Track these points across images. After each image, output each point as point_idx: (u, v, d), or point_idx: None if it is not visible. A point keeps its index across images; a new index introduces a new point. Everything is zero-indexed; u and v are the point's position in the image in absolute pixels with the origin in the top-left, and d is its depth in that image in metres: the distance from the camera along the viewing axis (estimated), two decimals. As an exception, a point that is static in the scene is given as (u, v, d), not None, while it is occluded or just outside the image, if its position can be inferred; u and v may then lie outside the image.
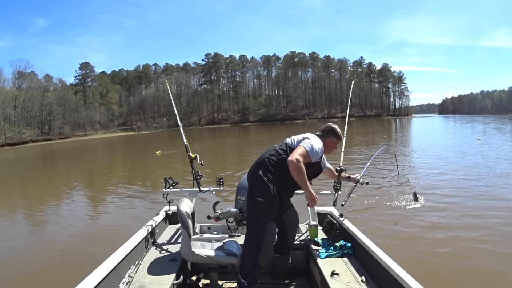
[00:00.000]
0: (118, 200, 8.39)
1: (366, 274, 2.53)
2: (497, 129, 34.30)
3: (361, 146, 19.62)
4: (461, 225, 5.70)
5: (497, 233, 5.22)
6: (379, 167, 11.32)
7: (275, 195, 2.66)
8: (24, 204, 9.47)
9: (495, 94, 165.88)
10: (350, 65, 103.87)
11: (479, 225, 5.67)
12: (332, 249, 2.96)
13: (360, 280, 2.45)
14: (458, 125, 48.18)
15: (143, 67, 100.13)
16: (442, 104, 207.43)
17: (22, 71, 70.47)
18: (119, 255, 2.44)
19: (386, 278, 2.27)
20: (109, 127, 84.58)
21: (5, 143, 56.63)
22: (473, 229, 5.50)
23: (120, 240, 2.84)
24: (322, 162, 3.01)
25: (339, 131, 3.00)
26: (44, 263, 4.93)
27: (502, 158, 13.00)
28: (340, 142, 3.12)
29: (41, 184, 13.32)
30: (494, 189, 7.99)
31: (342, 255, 2.87)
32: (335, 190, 3.48)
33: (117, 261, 2.35)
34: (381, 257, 2.39)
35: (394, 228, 5.72)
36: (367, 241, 2.72)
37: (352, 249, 2.90)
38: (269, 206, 2.67)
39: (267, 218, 2.69)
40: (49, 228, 6.90)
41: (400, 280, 2.09)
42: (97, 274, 2.09)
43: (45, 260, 4.99)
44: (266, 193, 2.64)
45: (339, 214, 3.38)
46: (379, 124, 59.31)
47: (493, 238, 5.07)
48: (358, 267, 2.65)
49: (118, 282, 2.32)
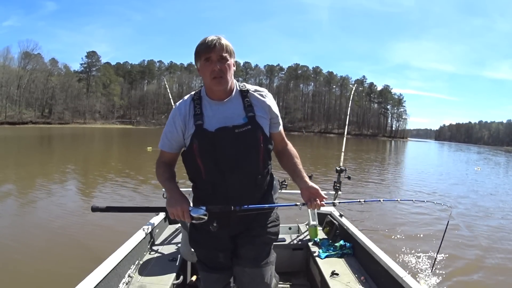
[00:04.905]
0: (119, 198, 8.29)
1: (366, 274, 2.53)
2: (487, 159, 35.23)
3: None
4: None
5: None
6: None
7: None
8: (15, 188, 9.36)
9: (493, 125, 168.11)
10: (352, 82, 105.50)
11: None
12: (332, 249, 2.95)
13: (360, 280, 2.45)
14: (452, 152, 48.72)
15: (147, 63, 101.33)
16: (439, 130, 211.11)
17: (29, 52, 71.59)
18: (119, 255, 2.40)
19: (386, 278, 2.28)
20: (108, 118, 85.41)
21: (5, 121, 57.43)
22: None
23: (122, 237, 2.84)
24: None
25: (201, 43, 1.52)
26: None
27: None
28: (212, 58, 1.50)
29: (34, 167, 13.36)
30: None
31: (342, 255, 2.86)
32: (335, 190, 3.50)
33: (117, 261, 2.32)
34: (381, 257, 2.40)
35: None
36: (367, 241, 2.71)
37: (352, 249, 2.89)
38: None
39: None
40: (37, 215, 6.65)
41: (400, 280, 2.10)
42: (97, 274, 2.06)
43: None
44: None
45: (339, 214, 3.36)
46: (374, 144, 60.15)
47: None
48: (358, 267, 2.65)
49: (118, 282, 2.30)
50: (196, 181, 1.66)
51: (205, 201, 1.58)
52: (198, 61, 1.55)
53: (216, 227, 1.56)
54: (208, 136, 1.52)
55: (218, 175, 1.55)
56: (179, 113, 1.59)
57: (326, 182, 9.62)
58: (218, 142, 1.52)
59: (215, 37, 1.51)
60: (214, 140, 1.52)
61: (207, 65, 1.51)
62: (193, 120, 1.56)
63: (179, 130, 1.59)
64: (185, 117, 1.58)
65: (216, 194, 1.59)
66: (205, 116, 1.56)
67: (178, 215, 1.49)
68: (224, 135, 1.52)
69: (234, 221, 1.63)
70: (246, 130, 1.54)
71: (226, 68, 1.51)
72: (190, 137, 1.55)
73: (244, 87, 1.63)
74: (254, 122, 1.57)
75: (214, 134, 1.52)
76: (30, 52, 71.63)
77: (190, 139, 1.55)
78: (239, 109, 1.58)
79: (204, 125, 1.54)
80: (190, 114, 1.57)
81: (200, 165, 1.55)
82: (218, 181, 1.57)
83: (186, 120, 1.57)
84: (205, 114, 1.56)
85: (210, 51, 1.49)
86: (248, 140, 1.55)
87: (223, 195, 1.59)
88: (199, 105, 1.58)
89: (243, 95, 1.61)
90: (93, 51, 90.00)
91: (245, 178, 1.59)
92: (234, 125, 1.54)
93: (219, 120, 1.55)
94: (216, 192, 1.59)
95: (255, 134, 1.56)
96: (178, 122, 1.58)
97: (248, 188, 1.62)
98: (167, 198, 1.55)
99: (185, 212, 1.48)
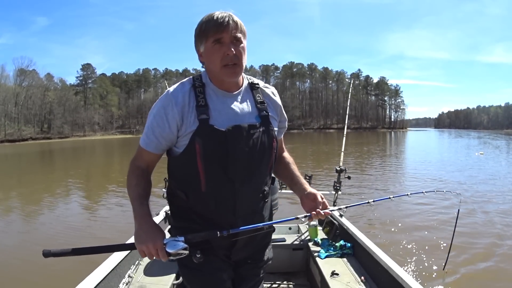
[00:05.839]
0: (120, 199, 8.59)
1: (366, 274, 2.53)
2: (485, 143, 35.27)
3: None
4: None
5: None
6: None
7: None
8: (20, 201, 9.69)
9: (491, 109, 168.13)
10: (347, 77, 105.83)
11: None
12: (332, 249, 2.94)
13: (360, 280, 2.44)
14: (453, 139, 48.43)
15: (143, 71, 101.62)
16: (438, 118, 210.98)
17: (24, 68, 71.84)
18: (119, 255, 2.39)
19: (386, 278, 2.27)
20: (108, 129, 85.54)
21: (5, 139, 57.61)
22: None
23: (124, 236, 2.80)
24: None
25: (206, 20, 1.19)
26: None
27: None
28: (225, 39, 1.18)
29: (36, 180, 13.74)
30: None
31: (342, 255, 2.85)
32: (335, 190, 3.46)
33: (117, 261, 2.31)
34: (381, 257, 2.39)
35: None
36: (367, 241, 2.71)
37: (352, 249, 2.88)
38: None
39: None
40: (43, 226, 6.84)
41: (400, 280, 2.09)
42: (97, 274, 2.06)
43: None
44: None
45: (339, 214, 3.34)
46: (374, 136, 60.21)
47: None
48: (358, 267, 2.64)
49: (118, 282, 2.30)
50: (189, 192, 1.26)
51: (198, 221, 1.27)
52: (203, 43, 1.20)
53: (200, 258, 1.17)
54: (217, 135, 1.19)
55: (227, 186, 1.23)
56: (175, 102, 1.20)
57: (327, 180, 9.69)
58: (230, 144, 1.20)
59: (225, 13, 1.17)
60: (225, 141, 1.19)
61: (217, 49, 1.17)
62: (196, 113, 1.20)
63: (173, 125, 1.20)
64: (183, 108, 1.20)
65: (220, 211, 1.26)
66: (212, 109, 1.21)
67: (150, 253, 1.12)
68: (238, 136, 1.21)
69: (238, 247, 1.33)
70: (260, 132, 1.26)
71: (241, 53, 1.20)
72: (191, 135, 1.19)
73: (251, 79, 1.36)
74: (267, 123, 1.30)
75: (225, 134, 1.19)
76: (25, 68, 71.96)
77: (189, 138, 1.19)
78: (251, 105, 1.30)
79: (211, 120, 1.20)
80: (190, 105, 1.21)
81: (201, 173, 1.20)
82: (225, 194, 1.24)
83: (184, 112, 1.20)
84: (212, 107, 1.22)
85: (222, 30, 1.15)
86: (262, 144, 1.27)
87: (229, 212, 1.26)
88: (202, 94, 1.23)
89: (254, 89, 1.34)
90: (88, 64, 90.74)
91: (255, 190, 1.32)
92: (249, 124, 1.24)
93: (230, 117, 1.23)
94: (219, 208, 1.25)
95: (269, 138, 1.29)
96: (172, 114, 1.20)
97: (257, 203, 1.35)
98: (135, 229, 1.16)
99: (159, 250, 1.12)
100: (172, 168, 1.32)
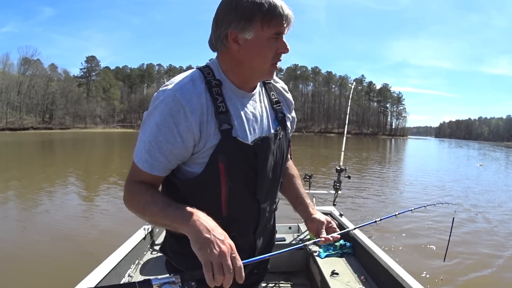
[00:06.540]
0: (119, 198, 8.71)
1: (366, 273, 2.53)
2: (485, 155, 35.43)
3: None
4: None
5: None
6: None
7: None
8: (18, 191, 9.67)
9: (492, 121, 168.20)
10: (351, 82, 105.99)
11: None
12: (332, 248, 2.93)
13: (360, 279, 2.44)
14: (454, 150, 48.61)
15: (146, 66, 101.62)
16: (439, 127, 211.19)
17: (29, 57, 71.98)
18: (119, 255, 2.37)
19: (386, 278, 2.27)
20: (109, 122, 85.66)
21: (6, 127, 57.68)
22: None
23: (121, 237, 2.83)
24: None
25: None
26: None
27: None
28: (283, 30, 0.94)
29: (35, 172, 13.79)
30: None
31: (342, 254, 2.86)
32: (335, 190, 3.45)
33: (117, 261, 2.29)
34: (381, 257, 2.39)
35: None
36: (367, 241, 2.70)
37: (352, 249, 2.88)
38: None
39: None
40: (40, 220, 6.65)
41: (400, 280, 2.09)
42: (97, 274, 2.03)
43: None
44: None
45: (339, 214, 3.33)
46: (374, 143, 60.18)
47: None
48: (358, 267, 2.65)
49: (118, 282, 2.27)
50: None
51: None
52: (256, 30, 0.89)
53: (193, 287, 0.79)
54: (245, 150, 0.94)
55: (253, 207, 1.03)
56: (189, 109, 0.88)
57: (327, 178, 9.76)
58: (260, 161, 0.97)
59: (284, 3, 0.92)
60: (255, 158, 0.96)
61: (273, 42, 0.92)
62: (216, 123, 0.91)
63: (188, 140, 0.90)
64: (201, 116, 0.90)
65: (241, 234, 1.02)
66: (234, 116, 0.95)
67: (225, 256, 0.77)
68: (267, 150, 0.99)
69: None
70: (281, 140, 1.05)
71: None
72: (211, 152, 0.92)
73: None
74: (285, 126, 1.08)
75: (254, 148, 0.96)
76: (30, 58, 72.19)
77: (210, 155, 0.92)
78: (268, 107, 1.06)
79: (235, 131, 0.93)
80: (209, 112, 0.91)
81: (223, 196, 0.95)
82: (250, 216, 1.04)
83: (203, 122, 0.90)
84: (233, 114, 0.95)
85: (287, 22, 0.92)
86: (282, 153, 1.07)
87: (250, 233, 1.07)
88: (220, 96, 0.93)
89: (266, 86, 1.09)
90: (92, 56, 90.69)
91: (272, 203, 1.13)
92: (274, 133, 1.03)
93: (254, 125, 0.99)
94: (241, 232, 1.02)
95: (287, 144, 1.10)
96: (187, 124, 0.88)
97: (271, 215, 1.17)
98: (194, 235, 0.79)
99: (233, 248, 0.80)
100: (189, 191, 0.97)
